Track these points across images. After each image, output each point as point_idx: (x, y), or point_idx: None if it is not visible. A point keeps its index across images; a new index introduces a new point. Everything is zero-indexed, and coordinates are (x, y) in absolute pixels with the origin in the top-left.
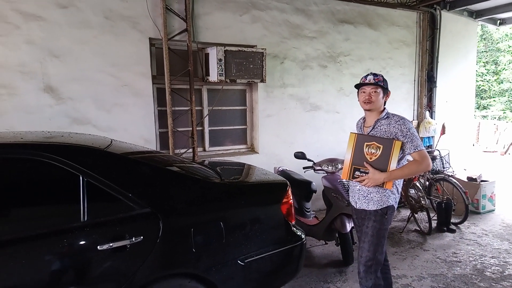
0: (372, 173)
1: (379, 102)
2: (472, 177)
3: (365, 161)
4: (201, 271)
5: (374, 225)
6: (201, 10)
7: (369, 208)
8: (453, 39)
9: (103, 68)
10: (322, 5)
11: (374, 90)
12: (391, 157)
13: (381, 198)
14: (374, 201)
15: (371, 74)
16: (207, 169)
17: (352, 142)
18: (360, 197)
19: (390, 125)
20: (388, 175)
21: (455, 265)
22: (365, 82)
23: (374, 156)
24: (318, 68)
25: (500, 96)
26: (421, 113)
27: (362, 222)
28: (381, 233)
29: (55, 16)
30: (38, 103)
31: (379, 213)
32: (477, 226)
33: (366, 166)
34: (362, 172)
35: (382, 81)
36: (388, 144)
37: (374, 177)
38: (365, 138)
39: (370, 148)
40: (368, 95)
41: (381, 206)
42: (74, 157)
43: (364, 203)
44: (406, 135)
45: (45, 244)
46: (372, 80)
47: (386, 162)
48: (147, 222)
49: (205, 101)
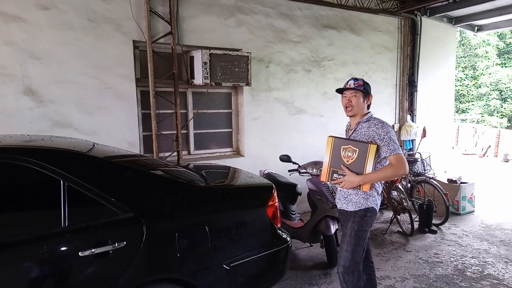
0: (348, 176)
1: (360, 106)
2: (452, 179)
3: (342, 164)
4: (186, 276)
5: (353, 226)
6: (186, 13)
7: (349, 209)
8: (433, 44)
9: (86, 70)
10: (306, 10)
11: (353, 95)
12: (367, 160)
13: (359, 200)
14: (353, 203)
15: (352, 79)
16: (192, 173)
17: (330, 145)
18: (341, 198)
19: (370, 129)
20: (363, 178)
21: (437, 265)
22: (345, 87)
23: (351, 159)
24: (303, 72)
25: (478, 100)
26: (402, 116)
27: (345, 224)
28: (360, 234)
29: (36, 18)
30: (18, 106)
31: (358, 214)
32: (458, 227)
33: (343, 169)
34: (340, 175)
35: (362, 85)
36: (364, 147)
37: (350, 180)
38: (342, 142)
39: (346, 151)
40: (348, 99)
41: (359, 207)
42: (54, 161)
43: (344, 204)
44: (383, 139)
45: (24, 250)
46: (352, 85)
47: (363, 165)
48: (130, 227)
49: (190, 104)
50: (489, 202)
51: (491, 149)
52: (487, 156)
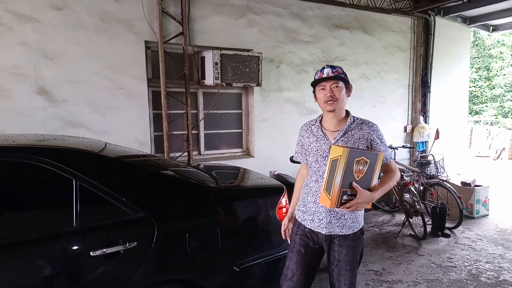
0: (361, 195)
1: (343, 100)
2: (466, 182)
3: (353, 181)
4: (196, 277)
5: (355, 250)
6: (197, 14)
7: (344, 232)
8: (447, 44)
9: (98, 70)
10: (318, 10)
11: (335, 85)
12: (374, 172)
13: (357, 218)
14: (349, 224)
15: (328, 67)
16: (202, 173)
17: (344, 159)
18: (332, 220)
19: (363, 130)
20: (377, 194)
21: (450, 270)
22: (322, 77)
23: (361, 173)
24: (314, 73)
25: (492, 102)
26: (415, 117)
27: (336, 252)
28: (358, 256)
29: (50, 18)
30: (31, 106)
31: (357, 235)
32: (471, 231)
33: (354, 188)
34: (350, 195)
35: (342, 73)
36: (374, 157)
37: (364, 200)
38: (356, 153)
39: (359, 164)
40: (329, 91)
41: (358, 227)
42: (67, 161)
43: (337, 227)
44: (382, 143)
45: (36, 249)
46: (331, 73)
47: (370, 178)
48: (141, 227)
49: (200, 104)
50: (503, 206)
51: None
52: (501, 158)
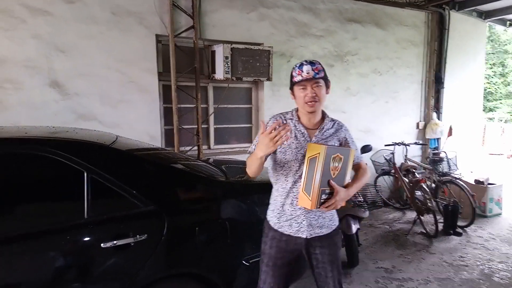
0: (339, 193)
1: (325, 99)
2: (479, 180)
3: (330, 179)
4: (205, 271)
5: (336, 247)
6: (208, 7)
7: (323, 232)
8: (461, 40)
9: (109, 64)
10: (330, 4)
11: (316, 84)
12: (347, 169)
13: (333, 215)
14: (327, 223)
15: (307, 64)
16: (212, 167)
17: (322, 157)
18: (312, 222)
19: (339, 131)
20: (354, 190)
21: (462, 269)
22: (302, 76)
23: (337, 170)
24: (325, 67)
25: (507, 99)
26: (428, 114)
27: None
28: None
29: (62, 11)
30: (44, 98)
31: (336, 232)
32: (484, 230)
33: (332, 185)
34: (328, 194)
35: (322, 70)
36: (347, 153)
37: (341, 197)
38: (332, 150)
39: (335, 161)
40: (311, 91)
41: (335, 225)
42: (78, 153)
43: (317, 228)
44: (353, 143)
45: (47, 241)
46: (311, 72)
47: (344, 175)
48: (151, 220)
49: (210, 98)
50: None
51: None
52: None
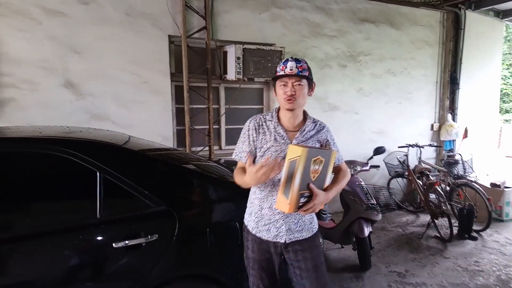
0: (317, 196)
1: (304, 99)
2: (495, 183)
3: (310, 182)
4: (215, 272)
5: (318, 249)
6: (220, 8)
7: (304, 236)
8: (477, 40)
9: (123, 65)
10: (343, 4)
11: (297, 83)
12: (328, 172)
13: (313, 217)
14: (307, 226)
15: (292, 60)
16: (223, 168)
17: (303, 159)
18: (291, 226)
19: (321, 132)
20: (333, 193)
21: (478, 274)
22: (285, 72)
23: (317, 173)
24: (338, 68)
25: None
26: (443, 115)
27: (297, 258)
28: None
29: (77, 13)
30: (59, 99)
31: (316, 234)
32: (500, 234)
33: (311, 189)
34: (306, 197)
35: (307, 69)
36: (327, 155)
37: (320, 201)
38: (313, 152)
39: (315, 164)
40: (290, 89)
41: (316, 227)
42: (91, 153)
43: (297, 232)
44: (334, 144)
45: (60, 240)
46: (295, 69)
47: (324, 178)
48: (162, 221)
49: (222, 99)
50: None
51: None
52: None
